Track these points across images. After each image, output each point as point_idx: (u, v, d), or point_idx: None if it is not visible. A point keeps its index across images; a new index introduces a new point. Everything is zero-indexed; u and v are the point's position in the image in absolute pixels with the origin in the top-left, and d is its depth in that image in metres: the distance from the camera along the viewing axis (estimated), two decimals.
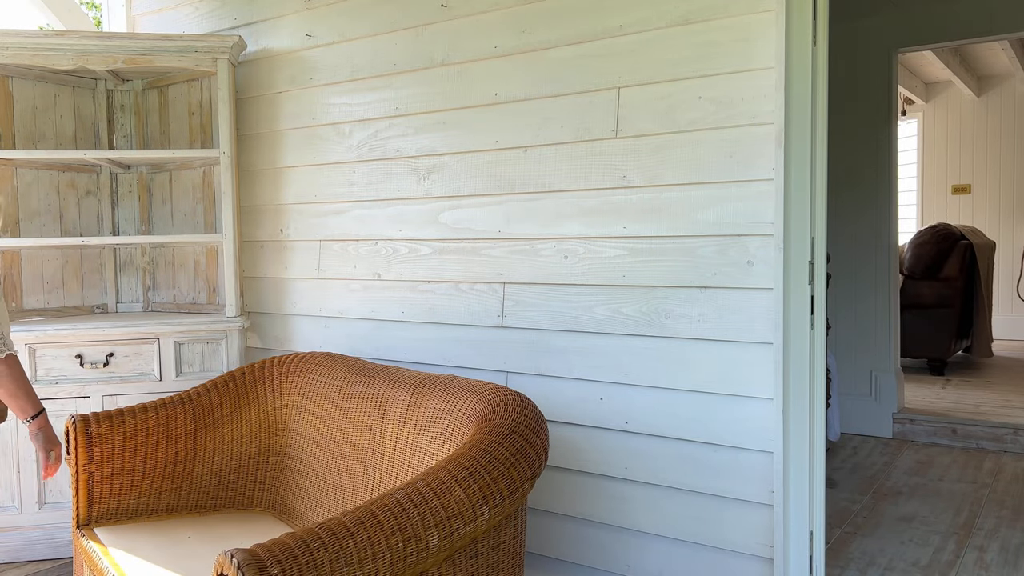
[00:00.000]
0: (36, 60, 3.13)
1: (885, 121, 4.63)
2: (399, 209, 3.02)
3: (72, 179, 3.57)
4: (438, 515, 1.46)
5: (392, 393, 2.27)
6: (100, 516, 2.39)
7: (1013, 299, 8.00)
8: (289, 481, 2.56)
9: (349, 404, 2.41)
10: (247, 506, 2.61)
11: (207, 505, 2.56)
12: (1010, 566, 2.87)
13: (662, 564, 2.50)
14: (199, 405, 2.55)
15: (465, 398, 2.01)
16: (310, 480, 2.47)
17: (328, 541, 1.32)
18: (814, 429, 2.29)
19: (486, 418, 1.79)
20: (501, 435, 1.67)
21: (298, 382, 2.63)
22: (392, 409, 2.24)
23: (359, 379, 2.43)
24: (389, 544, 1.37)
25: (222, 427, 2.57)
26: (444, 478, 1.52)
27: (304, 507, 2.46)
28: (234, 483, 2.59)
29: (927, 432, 4.54)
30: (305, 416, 2.56)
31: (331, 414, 2.46)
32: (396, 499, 1.45)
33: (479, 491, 1.52)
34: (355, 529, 1.36)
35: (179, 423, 2.49)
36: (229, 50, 3.24)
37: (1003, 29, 4.37)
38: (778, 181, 2.24)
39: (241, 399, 2.62)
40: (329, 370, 2.57)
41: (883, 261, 4.65)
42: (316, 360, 2.66)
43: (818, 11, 2.26)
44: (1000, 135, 8.05)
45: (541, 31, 2.66)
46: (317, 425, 2.50)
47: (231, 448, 2.58)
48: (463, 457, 1.58)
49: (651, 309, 2.48)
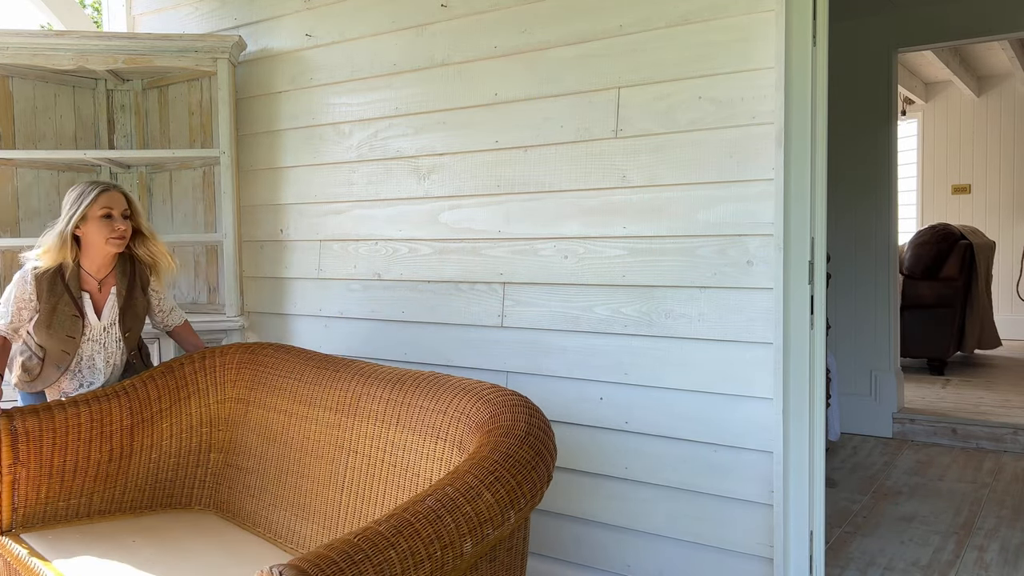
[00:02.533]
0: (36, 60, 3.13)
1: (885, 121, 4.63)
2: (399, 209, 3.02)
3: (72, 179, 3.57)
4: (471, 521, 1.41)
5: (366, 389, 2.17)
6: (26, 520, 2.22)
7: (1013, 299, 8.00)
8: (235, 478, 2.42)
9: (311, 399, 2.29)
10: (186, 505, 2.46)
11: (143, 505, 2.40)
12: (1010, 566, 2.87)
13: (662, 564, 2.50)
14: (135, 398, 2.39)
15: (460, 397, 1.96)
16: (261, 478, 2.35)
17: (371, 552, 1.28)
18: (814, 429, 2.29)
19: (494, 419, 1.76)
20: (519, 438, 1.64)
21: (245, 374, 2.49)
22: (367, 406, 2.15)
23: (322, 373, 2.31)
24: (429, 553, 1.33)
25: (160, 421, 2.42)
26: (472, 483, 1.48)
27: (254, 506, 2.34)
28: (172, 481, 2.44)
29: (927, 432, 4.53)
30: (254, 410, 2.43)
31: (288, 409, 2.33)
32: (428, 506, 1.40)
33: (506, 495, 1.49)
34: (395, 539, 1.31)
35: (114, 418, 2.33)
36: (229, 50, 3.24)
37: (1003, 29, 4.36)
38: (778, 181, 2.24)
39: (181, 392, 2.47)
40: (282, 363, 2.43)
41: (883, 261, 4.65)
42: (265, 351, 2.52)
43: (818, 11, 2.26)
44: (1000, 135, 8.05)
45: (541, 31, 2.66)
46: (270, 420, 2.37)
47: (170, 444, 2.43)
48: (486, 461, 1.55)
49: (651, 309, 2.48)
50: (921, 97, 8.20)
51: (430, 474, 1.94)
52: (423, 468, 1.96)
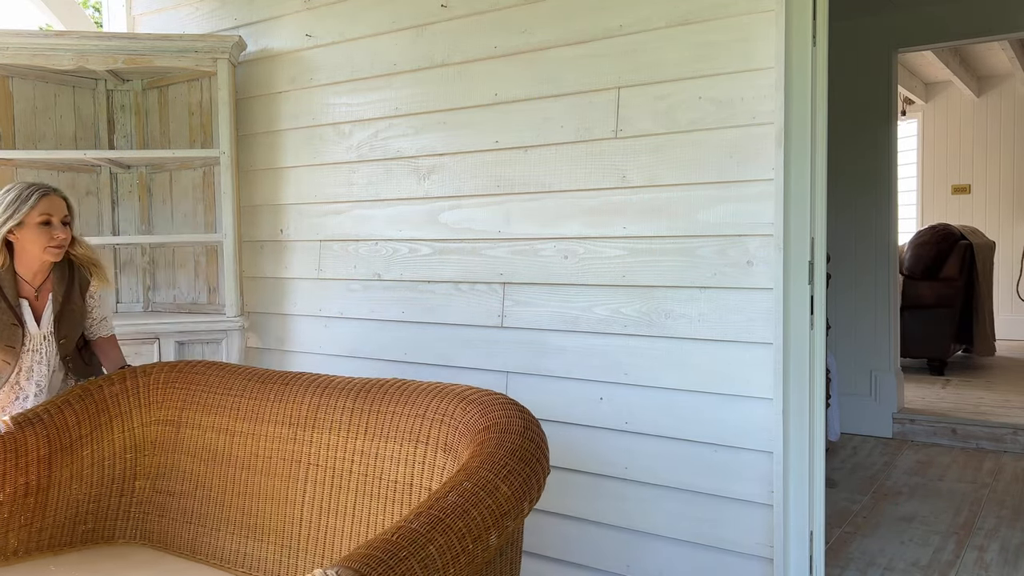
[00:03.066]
0: (36, 60, 3.13)
1: (885, 121, 4.63)
2: (399, 209, 3.02)
3: (72, 179, 3.57)
4: (493, 514, 1.43)
5: (324, 400, 2.10)
6: None
7: (1013, 299, 8.00)
8: (167, 505, 2.28)
9: (258, 415, 2.18)
10: (108, 539, 2.29)
11: (63, 542, 2.22)
12: (1010, 566, 2.87)
13: (662, 564, 2.50)
14: (52, 426, 2.20)
15: (438, 400, 1.94)
16: (200, 502, 2.23)
17: (413, 549, 1.28)
18: (814, 429, 2.29)
19: (485, 417, 1.78)
20: (519, 433, 1.66)
21: (174, 394, 2.35)
22: (326, 417, 2.07)
23: (269, 387, 2.21)
24: (463, 547, 1.34)
25: (80, 449, 2.24)
26: (488, 477, 1.49)
27: (193, 533, 2.22)
28: (94, 513, 2.26)
29: (927, 432, 4.53)
30: (187, 432, 2.30)
31: (230, 427, 2.22)
32: (452, 501, 1.40)
33: (520, 487, 1.51)
34: (431, 535, 1.32)
35: (30, 448, 2.13)
36: (229, 50, 3.25)
37: (1003, 29, 4.37)
38: (778, 181, 2.24)
39: (101, 416, 2.30)
40: (218, 380, 2.32)
41: (883, 261, 4.65)
42: (195, 369, 2.39)
43: (818, 11, 2.26)
44: (1000, 135, 8.05)
45: (541, 31, 2.66)
46: (207, 440, 2.25)
47: (91, 473, 2.26)
48: (495, 456, 1.56)
49: (651, 309, 2.48)
50: (921, 97, 8.20)
51: (411, 479, 1.91)
52: (402, 473, 1.93)
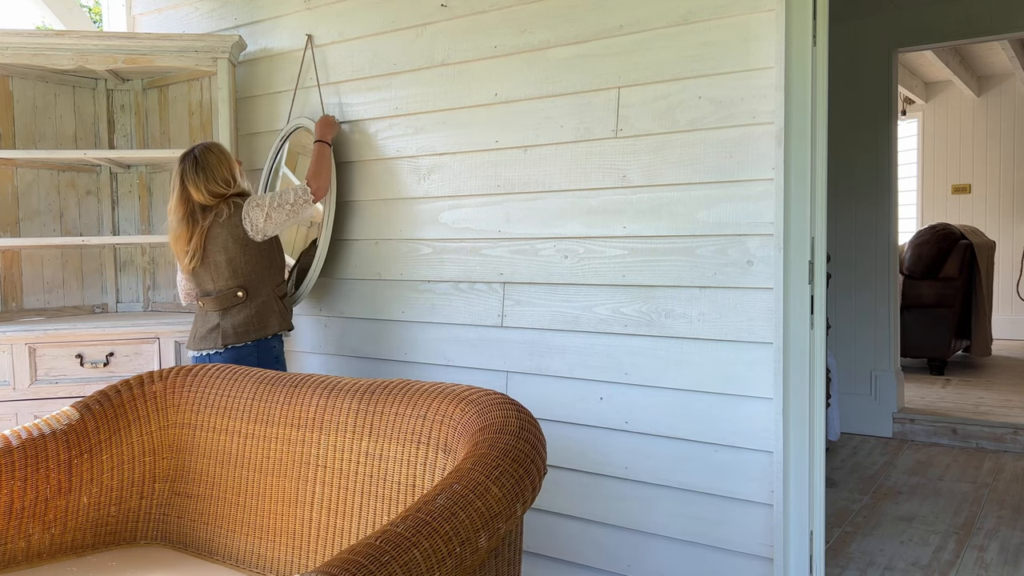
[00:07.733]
0: (36, 60, 3.13)
1: (885, 121, 4.63)
2: (399, 209, 3.02)
3: (72, 179, 3.58)
4: (483, 516, 1.42)
5: (331, 402, 2.13)
6: None
7: (1013, 299, 8.00)
8: (186, 507, 2.33)
9: (269, 418, 2.22)
10: (131, 540, 2.35)
11: (86, 544, 2.27)
12: (1010, 566, 2.87)
13: (662, 564, 2.50)
14: (71, 431, 2.26)
15: (439, 400, 1.95)
16: (216, 503, 2.28)
17: (395, 553, 1.27)
18: (814, 429, 2.29)
19: (485, 418, 1.78)
20: (514, 433, 1.66)
21: (189, 397, 2.39)
22: (334, 419, 2.10)
23: (278, 390, 2.25)
24: (449, 550, 1.33)
25: (100, 454, 2.31)
26: (478, 479, 1.48)
27: (209, 533, 2.26)
28: (116, 516, 2.32)
29: (927, 432, 4.54)
30: (203, 434, 2.34)
31: (243, 429, 2.26)
32: (441, 504, 1.40)
33: (512, 489, 1.51)
34: (415, 539, 1.31)
35: (50, 453, 2.21)
36: (229, 50, 3.24)
37: (1003, 29, 4.37)
38: (778, 181, 2.24)
39: (120, 420, 2.36)
40: (231, 382, 2.36)
41: (883, 260, 4.65)
42: (210, 373, 2.43)
43: (818, 11, 2.26)
44: (1000, 135, 8.06)
45: (541, 31, 2.66)
46: (222, 443, 2.30)
47: (111, 477, 2.31)
48: (487, 457, 1.56)
49: (651, 309, 2.48)
50: (921, 97, 8.21)
51: (414, 480, 1.93)
52: (406, 475, 1.95)
